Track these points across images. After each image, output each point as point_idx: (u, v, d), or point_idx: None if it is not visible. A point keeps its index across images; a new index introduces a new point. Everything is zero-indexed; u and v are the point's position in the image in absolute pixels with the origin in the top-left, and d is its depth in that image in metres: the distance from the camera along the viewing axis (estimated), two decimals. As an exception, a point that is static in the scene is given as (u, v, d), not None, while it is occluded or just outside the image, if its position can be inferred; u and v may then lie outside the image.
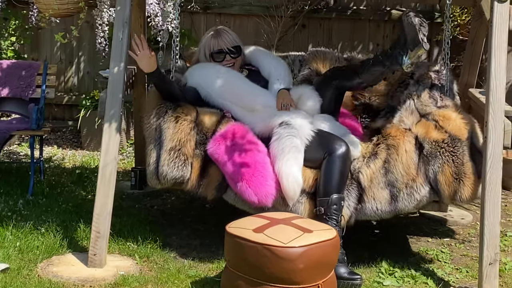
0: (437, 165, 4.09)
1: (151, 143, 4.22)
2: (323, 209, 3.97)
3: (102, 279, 3.81)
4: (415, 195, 4.08)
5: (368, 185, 4.10)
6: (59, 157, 6.44)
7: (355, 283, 3.85)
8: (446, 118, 4.25)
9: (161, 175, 4.11)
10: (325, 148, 4.07)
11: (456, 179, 4.06)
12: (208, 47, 4.65)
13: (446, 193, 4.08)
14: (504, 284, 4.02)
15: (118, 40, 4.18)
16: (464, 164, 4.07)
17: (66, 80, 7.30)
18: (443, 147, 4.11)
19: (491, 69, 3.89)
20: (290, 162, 4.01)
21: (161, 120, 4.21)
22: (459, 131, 4.16)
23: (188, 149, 4.15)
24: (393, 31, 6.83)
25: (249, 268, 3.50)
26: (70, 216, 4.70)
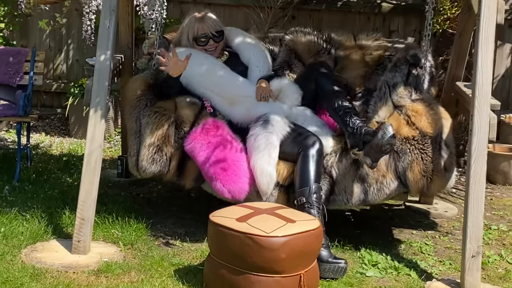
0: (406, 162, 4.19)
1: (132, 135, 4.35)
2: (304, 198, 4.00)
3: (85, 266, 3.81)
4: (384, 190, 4.21)
5: (340, 179, 4.19)
6: (46, 144, 6.43)
7: (340, 266, 3.88)
8: (418, 113, 4.32)
9: (141, 169, 4.28)
10: (300, 144, 4.16)
11: (424, 176, 4.18)
12: (192, 31, 4.67)
13: (414, 188, 4.24)
14: (487, 277, 4.04)
15: (105, 28, 4.17)
16: (432, 161, 4.18)
17: (55, 67, 7.28)
18: (412, 144, 4.21)
19: (477, 63, 3.90)
20: (265, 159, 4.12)
21: (140, 114, 4.32)
22: (429, 127, 4.25)
23: (166, 144, 4.24)
24: (383, 23, 6.83)
25: (231, 257, 3.51)
26: (55, 202, 4.69)
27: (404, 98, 4.45)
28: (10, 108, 5.35)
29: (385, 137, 3.97)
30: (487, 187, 5.69)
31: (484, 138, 3.88)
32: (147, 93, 4.42)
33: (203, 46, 4.64)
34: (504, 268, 4.17)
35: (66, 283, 3.58)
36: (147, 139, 4.24)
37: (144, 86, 4.47)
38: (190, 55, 4.28)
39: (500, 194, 5.65)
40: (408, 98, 4.45)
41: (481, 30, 3.92)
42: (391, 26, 6.84)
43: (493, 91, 6.39)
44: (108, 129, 6.69)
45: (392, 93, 4.48)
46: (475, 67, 3.91)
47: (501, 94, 6.63)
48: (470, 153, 3.88)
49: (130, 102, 4.42)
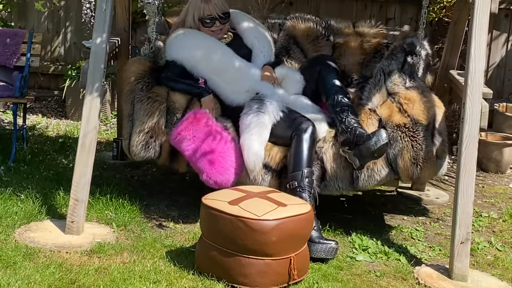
0: (397, 149, 4.23)
1: (125, 118, 4.39)
2: (296, 182, 4.04)
3: (78, 246, 3.85)
4: (375, 176, 4.25)
5: (330, 166, 4.23)
6: (43, 125, 6.46)
7: (332, 246, 3.91)
8: (410, 101, 4.35)
9: (132, 153, 4.34)
10: (293, 128, 4.18)
11: (414, 163, 4.21)
12: (198, 11, 4.64)
13: (404, 175, 4.28)
14: (476, 263, 4.08)
15: (102, 11, 4.20)
16: (423, 149, 4.21)
17: (52, 49, 7.29)
18: (404, 132, 4.24)
19: (470, 51, 3.93)
20: (254, 137, 4.15)
21: (135, 97, 4.34)
22: (421, 115, 4.28)
23: (157, 131, 4.28)
24: (379, 11, 6.84)
25: (223, 239, 3.55)
26: (50, 183, 4.73)
27: (399, 85, 4.48)
28: (6, 89, 5.38)
29: (378, 144, 4.02)
30: (479, 175, 5.74)
31: (475, 126, 3.91)
32: (144, 76, 4.43)
33: (209, 27, 4.62)
34: (493, 255, 4.21)
35: (59, 263, 3.62)
36: (138, 125, 4.28)
37: (141, 69, 4.48)
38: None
39: (492, 182, 5.69)
40: (402, 86, 4.48)
41: (475, 19, 3.95)
42: (387, 14, 6.85)
43: (487, 80, 6.51)
44: (104, 112, 6.73)
45: (387, 80, 4.50)
46: (468, 56, 3.94)
47: (496, 83, 6.66)
48: (462, 140, 3.91)
49: (126, 85, 4.44)
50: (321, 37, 5.02)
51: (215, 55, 4.52)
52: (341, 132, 4.24)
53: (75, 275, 3.50)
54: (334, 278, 3.72)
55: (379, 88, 4.48)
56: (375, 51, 4.92)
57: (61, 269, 3.56)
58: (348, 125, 4.21)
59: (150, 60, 4.54)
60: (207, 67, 4.49)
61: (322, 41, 5.01)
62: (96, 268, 3.60)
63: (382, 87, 4.48)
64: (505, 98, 6.47)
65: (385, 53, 4.78)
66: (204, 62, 4.49)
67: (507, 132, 6.03)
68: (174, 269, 3.65)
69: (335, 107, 4.35)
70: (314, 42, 5.01)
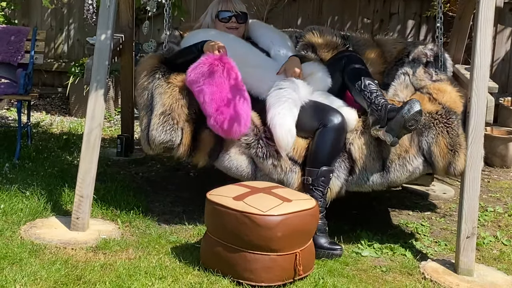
0: (431, 136, 4.03)
1: (143, 109, 4.19)
2: (311, 179, 3.98)
3: (84, 242, 3.85)
4: (407, 166, 4.04)
5: (359, 157, 4.06)
6: (47, 122, 6.46)
7: (335, 253, 3.91)
8: (440, 91, 4.22)
9: (151, 139, 4.07)
10: (321, 119, 4.04)
11: (451, 150, 3.99)
12: (216, 7, 4.61)
13: (440, 165, 4.02)
14: (482, 257, 4.08)
15: (105, 8, 4.19)
16: (459, 135, 4.01)
17: (56, 47, 7.30)
18: (437, 119, 4.05)
19: (476, 46, 3.91)
20: (284, 112, 3.99)
21: (152, 86, 4.18)
22: (454, 104, 4.12)
23: (179, 113, 4.08)
24: (383, 6, 6.83)
25: (228, 235, 3.54)
26: (55, 180, 4.73)
27: (425, 80, 4.39)
28: (11, 87, 5.38)
29: (411, 111, 3.81)
30: (485, 170, 5.73)
31: (481, 120, 3.90)
32: (160, 66, 4.30)
33: (225, 22, 4.56)
34: (499, 250, 4.20)
35: (65, 259, 3.62)
36: (159, 108, 4.08)
37: (157, 61, 4.37)
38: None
39: (497, 177, 5.68)
40: (428, 80, 4.39)
41: (480, 13, 3.93)
42: (391, 9, 6.84)
43: (492, 74, 6.51)
44: (108, 109, 6.73)
45: (412, 79, 4.43)
46: (473, 50, 3.92)
47: (501, 78, 6.64)
48: (468, 135, 3.90)
49: (143, 77, 4.27)
50: (340, 48, 4.91)
51: (237, 46, 4.39)
52: (370, 112, 4.05)
53: (81, 272, 3.50)
54: (340, 273, 3.71)
55: (405, 85, 4.40)
56: (396, 59, 4.81)
57: (67, 265, 3.56)
58: (378, 103, 4.02)
59: (165, 54, 4.47)
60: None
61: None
62: (102, 264, 3.59)
63: (408, 85, 4.40)
64: (510, 93, 6.46)
65: (406, 60, 4.69)
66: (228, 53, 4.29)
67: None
68: (180, 265, 3.64)
69: (363, 91, 4.15)
70: (333, 52, 4.87)
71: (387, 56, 4.87)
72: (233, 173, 4.13)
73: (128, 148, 5.47)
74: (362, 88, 4.16)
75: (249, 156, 4.09)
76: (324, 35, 4.99)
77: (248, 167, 4.08)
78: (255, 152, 4.05)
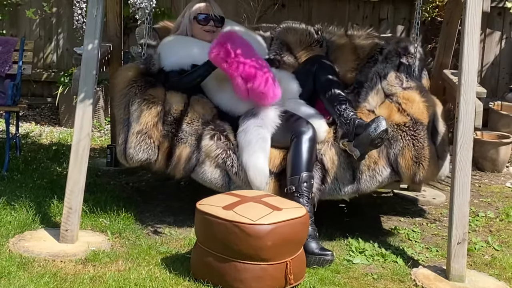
0: (398, 148, 4.18)
1: (120, 123, 4.30)
2: (294, 187, 4.00)
3: (73, 255, 3.82)
4: (377, 177, 4.18)
5: (331, 167, 4.17)
6: (36, 133, 6.43)
7: (327, 259, 3.89)
8: (409, 100, 4.31)
9: (128, 157, 4.22)
10: (292, 131, 4.13)
11: (416, 162, 4.16)
12: (194, 9, 4.64)
13: (406, 175, 4.20)
14: (473, 263, 4.07)
15: (92, 17, 4.17)
16: (424, 147, 4.16)
17: (45, 56, 7.27)
18: (404, 131, 4.19)
19: (463, 51, 3.91)
20: (257, 154, 4.09)
21: (129, 101, 4.26)
22: (421, 115, 4.24)
23: (155, 132, 4.21)
24: (372, 11, 6.83)
25: (218, 245, 3.52)
26: (44, 192, 4.70)
27: (395, 86, 4.46)
28: (-1, 98, 5.35)
29: (377, 130, 3.95)
30: (476, 174, 5.73)
31: (470, 125, 3.89)
32: (138, 80, 4.36)
33: (202, 25, 4.61)
34: (490, 255, 4.20)
35: (53, 272, 3.60)
36: (135, 126, 4.20)
37: (135, 73, 4.42)
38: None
39: (488, 181, 5.68)
40: (399, 86, 4.46)
41: (467, 18, 3.93)
42: (380, 14, 6.84)
43: (482, 78, 6.51)
44: (98, 118, 6.71)
45: (383, 82, 4.48)
46: (461, 55, 3.92)
47: (491, 82, 6.65)
48: (456, 140, 3.90)
49: (120, 91, 4.36)
50: (314, 44, 4.99)
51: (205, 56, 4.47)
52: (339, 125, 4.20)
53: (70, 284, 3.47)
54: (331, 281, 3.69)
55: (376, 91, 4.46)
56: (368, 56, 4.89)
57: (56, 278, 3.53)
58: (346, 117, 4.17)
59: (142, 65, 4.51)
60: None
61: (315, 48, 4.98)
62: (91, 277, 3.57)
63: (378, 90, 4.47)
64: (499, 97, 6.46)
65: (379, 58, 4.78)
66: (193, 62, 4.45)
67: (502, 131, 6.02)
68: (170, 276, 3.62)
69: (333, 101, 4.30)
70: (307, 49, 4.98)
71: (360, 52, 4.94)
72: (208, 185, 4.25)
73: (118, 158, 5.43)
74: (332, 98, 4.31)
75: (223, 169, 4.18)
76: (298, 32, 5.03)
77: (222, 180, 4.19)
78: (229, 166, 4.15)
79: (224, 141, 4.20)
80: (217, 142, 4.19)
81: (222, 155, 4.17)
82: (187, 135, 4.23)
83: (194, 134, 4.23)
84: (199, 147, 4.20)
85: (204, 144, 4.20)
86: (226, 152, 4.17)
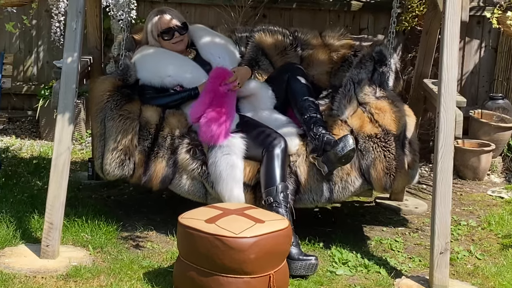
0: (369, 160, 4.22)
1: (97, 137, 4.37)
2: (272, 198, 4.02)
3: (54, 270, 3.79)
4: (349, 188, 4.24)
5: (304, 179, 4.22)
6: (17, 147, 6.38)
7: (312, 262, 3.89)
8: (381, 111, 4.35)
9: (105, 172, 4.30)
10: (264, 144, 4.17)
11: (387, 173, 4.21)
12: (155, 27, 4.67)
13: (377, 186, 4.27)
14: (456, 273, 4.07)
15: (72, 30, 4.15)
16: (395, 158, 4.21)
17: (25, 69, 7.22)
18: (375, 142, 4.24)
19: (443, 60, 3.94)
20: (229, 186, 4.14)
21: (106, 116, 4.31)
22: (392, 125, 4.28)
23: (130, 147, 4.26)
24: (352, 21, 6.84)
25: (200, 259, 3.51)
26: (24, 207, 4.65)
27: (369, 95, 4.49)
28: (-22, 112, 5.32)
29: (344, 150, 4.01)
30: (457, 183, 5.75)
31: (450, 135, 3.91)
32: (114, 94, 4.39)
33: (169, 40, 4.65)
34: (473, 264, 4.20)
35: (35, 288, 3.57)
36: (111, 143, 4.25)
37: (111, 87, 4.45)
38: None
39: (469, 190, 5.69)
40: (372, 96, 4.48)
41: (446, 28, 3.96)
42: (361, 24, 6.85)
43: (462, 87, 6.53)
44: (79, 131, 6.67)
45: (356, 89, 4.51)
46: (440, 65, 3.94)
47: (470, 90, 6.68)
48: (437, 150, 3.91)
49: (96, 104, 4.40)
50: (289, 48, 5.03)
51: (187, 74, 4.54)
52: (309, 139, 4.25)
53: (51, 301, 3.45)
54: (315, 293, 3.69)
55: (349, 98, 4.48)
56: (342, 60, 4.93)
57: (37, 294, 3.51)
58: (316, 132, 4.22)
59: (119, 78, 4.52)
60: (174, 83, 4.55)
61: (290, 52, 5.02)
62: (73, 293, 3.55)
63: (352, 97, 4.48)
64: (480, 105, 6.49)
65: (353, 62, 4.80)
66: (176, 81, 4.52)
67: (483, 139, 6.04)
68: (152, 291, 3.60)
69: (303, 114, 4.35)
70: (282, 54, 5.01)
71: (334, 55, 4.97)
72: (186, 196, 4.34)
73: (98, 171, 5.40)
74: (303, 111, 4.36)
75: (199, 181, 4.26)
76: (273, 35, 5.05)
77: (199, 191, 4.29)
78: (205, 178, 4.22)
79: (199, 155, 4.26)
80: (193, 156, 4.25)
81: (198, 169, 4.25)
82: (163, 149, 4.30)
83: (169, 148, 4.30)
84: (175, 161, 4.27)
85: (180, 158, 4.26)
86: (202, 167, 4.24)
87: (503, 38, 6.51)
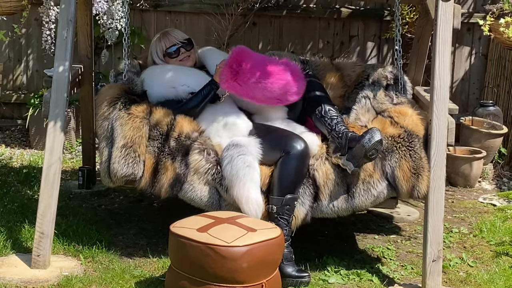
0: (394, 160, 4.03)
1: (103, 141, 4.15)
2: (276, 208, 3.95)
3: (45, 280, 3.77)
4: (372, 190, 4.02)
5: (324, 183, 4.04)
6: (6, 156, 6.35)
7: (304, 281, 3.87)
8: (402, 114, 4.23)
9: (112, 173, 4.05)
10: (282, 147, 4.03)
11: (414, 173, 3.98)
12: (160, 47, 4.57)
13: (404, 188, 4.01)
14: (448, 280, 4.07)
15: (63, 39, 4.13)
16: (422, 158, 4.00)
17: (14, 78, 7.19)
18: (399, 142, 4.05)
19: (435, 68, 3.95)
20: (248, 185, 3.94)
21: (113, 117, 4.15)
22: (415, 127, 4.13)
23: (140, 146, 4.08)
24: (343, 29, 6.85)
25: (192, 268, 3.49)
26: (15, 216, 4.63)
27: (385, 103, 4.40)
28: (-33, 121, 5.28)
29: (372, 141, 3.83)
30: (449, 190, 5.75)
31: (443, 142, 3.92)
32: (122, 97, 4.25)
33: (176, 57, 4.53)
34: (465, 272, 4.20)
35: (26, 299, 3.55)
36: (120, 140, 4.06)
37: (119, 91, 4.32)
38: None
39: (461, 197, 5.70)
40: (389, 103, 4.39)
41: (438, 35, 3.97)
42: (351, 31, 6.87)
43: (453, 94, 6.55)
44: (70, 140, 6.64)
45: (372, 103, 4.44)
46: (432, 72, 3.95)
47: (461, 97, 6.70)
48: (430, 157, 3.91)
49: (103, 107, 4.22)
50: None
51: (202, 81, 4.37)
52: (331, 139, 4.08)
53: (42, 311, 3.42)
54: (307, 302, 3.68)
55: (366, 109, 4.41)
56: (356, 83, 4.79)
57: (28, 305, 3.49)
58: (338, 131, 4.05)
59: (125, 84, 4.41)
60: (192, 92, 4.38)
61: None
62: (64, 303, 3.52)
63: (369, 109, 4.41)
64: (470, 112, 6.50)
65: (366, 83, 4.68)
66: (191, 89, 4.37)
67: (474, 146, 6.05)
68: (144, 301, 3.59)
69: (323, 117, 4.18)
70: None
71: (347, 80, 4.84)
72: (197, 204, 4.10)
73: (90, 180, 5.38)
74: (323, 114, 4.19)
75: (212, 186, 4.06)
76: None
77: (212, 197, 4.06)
78: (219, 182, 4.03)
79: (213, 156, 4.08)
80: (206, 157, 4.06)
81: (211, 170, 4.04)
82: (174, 150, 4.10)
83: (181, 150, 4.09)
84: (187, 163, 4.06)
85: (192, 160, 4.06)
86: (216, 167, 4.05)
87: (493, 45, 6.53)
